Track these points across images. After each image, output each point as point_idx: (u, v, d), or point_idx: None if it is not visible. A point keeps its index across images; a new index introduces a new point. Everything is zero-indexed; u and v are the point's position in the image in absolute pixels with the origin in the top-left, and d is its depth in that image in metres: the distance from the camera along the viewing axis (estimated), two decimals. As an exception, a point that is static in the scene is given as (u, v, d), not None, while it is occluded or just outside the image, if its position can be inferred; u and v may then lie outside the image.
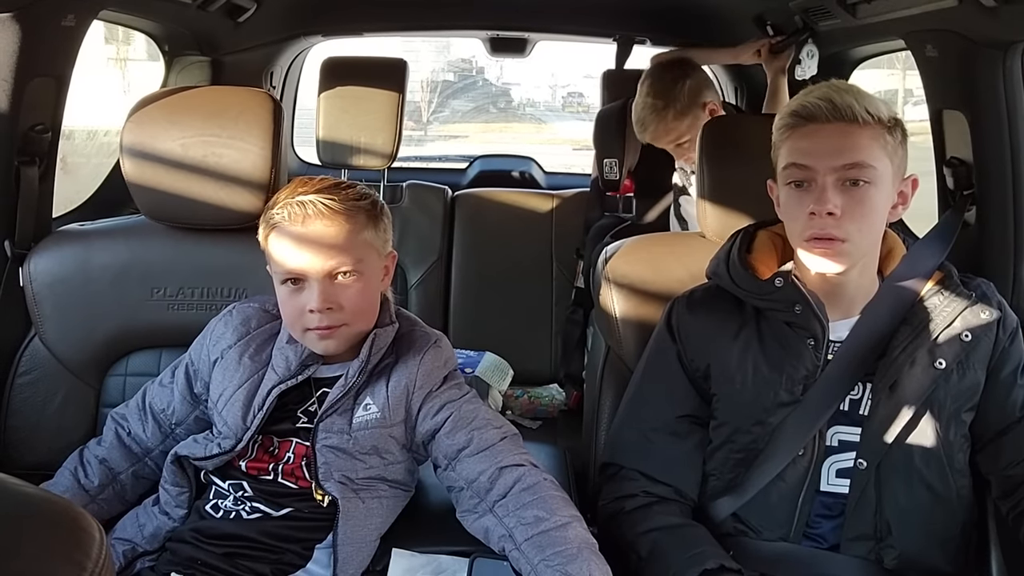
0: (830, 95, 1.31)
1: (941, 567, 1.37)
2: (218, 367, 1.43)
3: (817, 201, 1.30)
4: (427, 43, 8.30)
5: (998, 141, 1.67)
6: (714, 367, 1.42)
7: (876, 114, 1.30)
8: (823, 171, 1.30)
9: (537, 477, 1.29)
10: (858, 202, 1.30)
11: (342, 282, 1.33)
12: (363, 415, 1.36)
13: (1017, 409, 1.37)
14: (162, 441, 1.48)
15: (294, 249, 1.32)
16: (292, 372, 1.38)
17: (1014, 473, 1.37)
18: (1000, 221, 1.70)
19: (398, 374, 1.37)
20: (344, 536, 1.32)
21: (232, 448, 1.36)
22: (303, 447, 1.36)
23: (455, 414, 1.35)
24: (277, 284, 1.37)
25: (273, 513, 1.36)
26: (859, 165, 1.30)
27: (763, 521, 1.38)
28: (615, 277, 1.66)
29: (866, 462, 1.35)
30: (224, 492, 1.38)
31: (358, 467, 1.34)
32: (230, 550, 1.34)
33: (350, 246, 1.32)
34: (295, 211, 1.32)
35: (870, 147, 1.30)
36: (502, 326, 2.90)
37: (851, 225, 1.31)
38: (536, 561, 1.19)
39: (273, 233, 1.34)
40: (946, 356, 1.35)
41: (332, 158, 2.86)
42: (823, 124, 1.31)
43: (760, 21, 2.51)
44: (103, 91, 4.33)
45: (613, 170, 2.81)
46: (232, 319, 1.47)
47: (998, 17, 1.51)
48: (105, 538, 0.65)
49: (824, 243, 1.31)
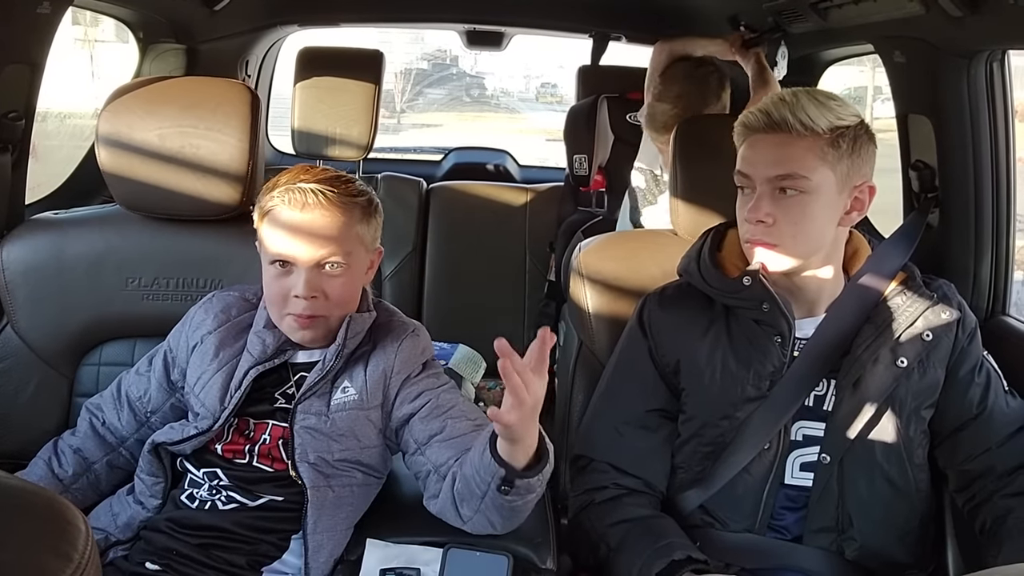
0: (769, 107, 1.35)
1: (900, 558, 1.41)
2: (196, 352, 1.44)
3: (752, 208, 1.36)
4: (402, 32, 8.25)
5: (961, 146, 1.71)
6: (684, 362, 1.45)
7: (813, 126, 1.33)
8: (759, 180, 1.36)
9: None
10: (789, 210, 1.35)
11: (329, 272, 1.35)
12: (341, 397, 1.37)
13: (974, 407, 1.42)
14: (137, 430, 1.48)
15: (288, 233, 1.34)
16: (268, 355, 1.39)
17: (970, 468, 1.41)
18: (962, 223, 1.75)
19: (376, 359, 1.39)
20: (314, 525, 1.34)
21: (209, 428, 1.37)
22: (280, 428, 1.37)
23: (433, 401, 1.37)
24: (265, 264, 1.38)
25: (249, 503, 1.36)
26: (791, 176, 1.34)
27: (729, 513, 1.42)
28: (588, 272, 1.68)
29: (829, 456, 1.39)
30: (199, 481, 1.39)
31: (333, 448, 1.35)
32: (205, 541, 1.35)
33: (342, 238, 1.35)
34: (295, 196, 1.34)
35: (804, 158, 1.33)
36: (475, 318, 2.91)
37: (784, 231, 1.35)
38: (474, 456, 1.24)
39: (271, 213, 1.36)
40: (908, 355, 1.39)
41: (307, 148, 2.86)
42: (761, 135, 1.36)
43: (734, 21, 2.55)
44: (70, 74, 4.26)
45: (583, 166, 2.83)
46: (212, 306, 1.48)
47: (964, 27, 1.55)
48: (91, 530, 0.66)
49: (756, 245, 1.38)
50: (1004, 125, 1.72)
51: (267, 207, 1.36)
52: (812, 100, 1.34)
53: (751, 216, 1.36)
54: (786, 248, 1.37)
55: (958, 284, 1.51)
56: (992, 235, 1.75)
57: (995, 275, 1.76)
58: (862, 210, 1.39)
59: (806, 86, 1.53)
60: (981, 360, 1.44)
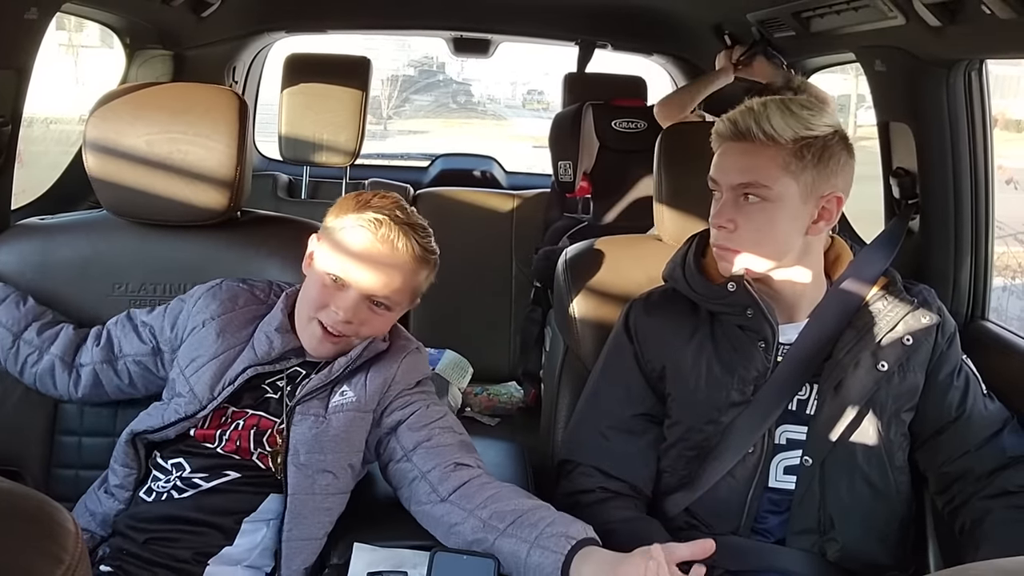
0: (736, 116, 1.38)
1: (881, 560, 1.43)
2: (195, 334, 1.44)
3: (716, 214, 1.40)
4: (388, 39, 8.26)
5: (941, 153, 1.74)
6: (669, 368, 1.47)
7: (776, 136, 1.35)
8: (725, 187, 1.39)
9: (490, 478, 1.34)
10: (751, 217, 1.37)
11: (375, 308, 1.38)
12: (339, 400, 1.38)
13: (953, 410, 1.44)
14: (101, 358, 1.50)
15: (364, 260, 1.35)
16: (271, 359, 1.40)
17: (949, 470, 1.43)
18: (942, 229, 1.77)
19: (378, 368, 1.40)
20: (289, 532, 1.34)
21: (194, 414, 1.37)
22: (256, 417, 1.38)
23: (421, 411, 1.39)
24: (317, 269, 1.39)
25: (205, 485, 1.36)
26: (753, 184, 1.36)
27: (714, 516, 1.43)
28: (574, 278, 1.69)
29: (811, 459, 1.41)
30: (161, 474, 1.38)
31: (326, 449, 1.36)
32: (151, 535, 1.34)
33: (405, 286, 1.38)
34: (388, 233, 1.35)
35: (767, 168, 1.36)
36: (462, 324, 2.93)
37: (745, 237, 1.38)
38: (533, 537, 1.22)
39: (357, 230, 1.36)
40: (888, 359, 1.41)
41: (294, 154, 2.86)
42: (730, 143, 1.39)
43: (718, 30, 2.57)
44: (54, 79, 4.24)
45: (567, 172, 2.85)
46: (220, 292, 1.48)
47: (942, 37, 1.58)
48: (80, 531, 0.66)
49: (718, 249, 1.41)
50: (983, 133, 1.75)
51: (356, 222, 1.36)
52: (781, 110, 1.36)
53: (714, 221, 1.41)
54: (747, 253, 1.39)
55: (938, 289, 1.53)
56: (971, 241, 1.77)
57: (974, 280, 1.79)
58: (830, 220, 1.40)
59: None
60: (960, 364, 1.46)
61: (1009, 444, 1.42)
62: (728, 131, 1.39)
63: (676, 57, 3.15)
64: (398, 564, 1.33)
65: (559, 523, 1.23)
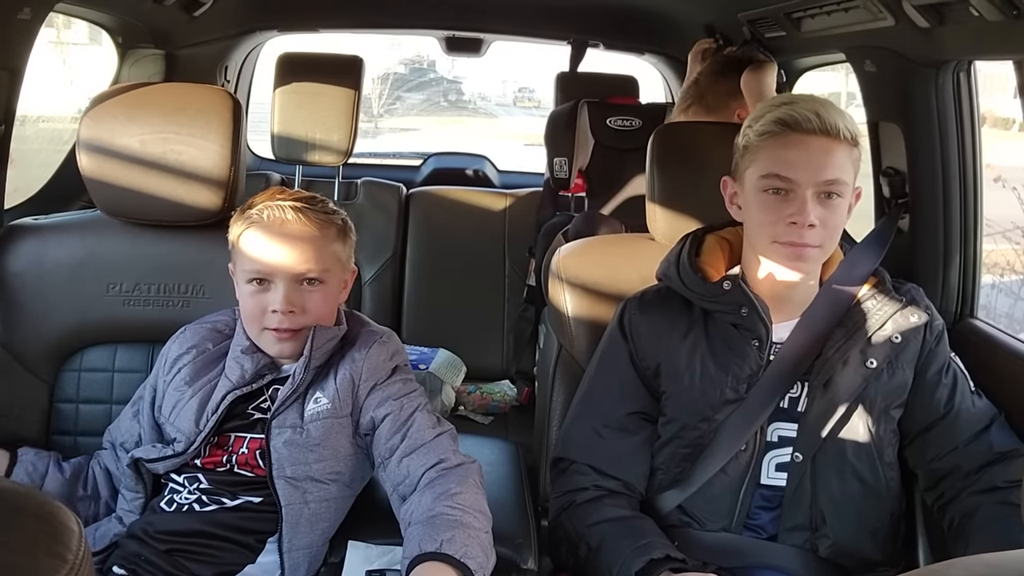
0: (816, 108, 1.35)
1: (872, 555, 1.44)
2: (172, 386, 1.45)
3: (799, 212, 1.35)
4: (379, 36, 8.26)
5: (930, 153, 1.76)
6: (664, 366, 1.48)
7: (850, 132, 1.36)
8: (805, 184, 1.35)
9: (460, 471, 1.32)
10: (831, 214, 1.37)
11: (306, 288, 1.38)
12: (314, 407, 1.38)
13: (941, 407, 1.45)
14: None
15: (268, 249, 1.37)
16: (247, 380, 1.41)
17: (938, 466, 1.45)
18: (931, 228, 1.79)
19: (344, 367, 1.40)
20: (289, 543, 1.35)
21: (184, 451, 1.38)
22: (257, 440, 1.38)
23: (394, 414, 1.38)
24: (241, 283, 1.40)
25: (228, 503, 1.37)
26: (837, 181, 1.36)
27: (707, 513, 1.44)
28: (568, 277, 1.70)
29: (802, 455, 1.42)
30: (179, 487, 1.40)
31: (310, 459, 1.36)
32: (173, 547, 1.35)
33: (320, 254, 1.38)
34: (274, 213, 1.37)
35: (844, 164, 1.36)
36: (455, 323, 2.93)
37: (824, 234, 1.38)
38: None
39: (249, 231, 1.38)
40: (877, 356, 1.42)
41: (287, 154, 2.86)
42: (809, 136, 1.35)
43: (710, 30, 2.58)
44: (44, 77, 4.22)
45: (563, 169, 2.86)
46: (186, 339, 1.49)
47: (931, 38, 1.59)
48: (84, 531, 0.67)
49: (796, 248, 1.37)
50: (971, 132, 1.76)
51: (244, 226, 1.39)
52: (834, 106, 1.37)
53: (800, 220, 1.35)
54: (823, 250, 1.39)
55: (928, 288, 1.55)
56: (960, 240, 1.79)
57: (963, 279, 1.80)
58: (849, 213, 1.43)
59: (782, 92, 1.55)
60: (948, 361, 1.48)
61: (996, 440, 1.44)
62: (813, 124, 1.33)
63: (668, 56, 3.16)
64: (392, 561, 1.34)
65: (427, 541, 1.20)
